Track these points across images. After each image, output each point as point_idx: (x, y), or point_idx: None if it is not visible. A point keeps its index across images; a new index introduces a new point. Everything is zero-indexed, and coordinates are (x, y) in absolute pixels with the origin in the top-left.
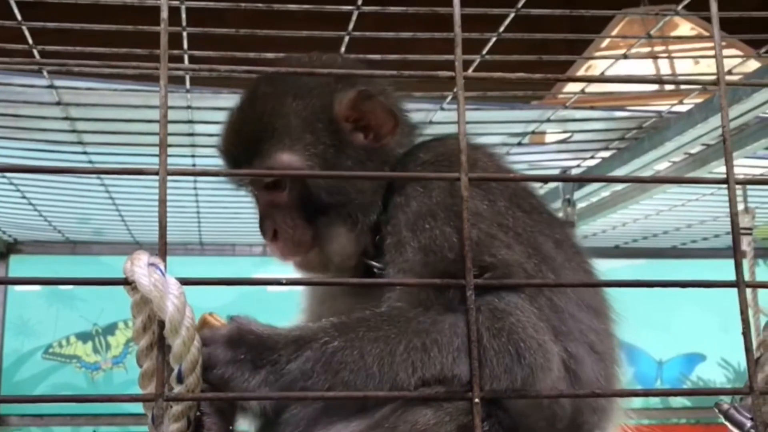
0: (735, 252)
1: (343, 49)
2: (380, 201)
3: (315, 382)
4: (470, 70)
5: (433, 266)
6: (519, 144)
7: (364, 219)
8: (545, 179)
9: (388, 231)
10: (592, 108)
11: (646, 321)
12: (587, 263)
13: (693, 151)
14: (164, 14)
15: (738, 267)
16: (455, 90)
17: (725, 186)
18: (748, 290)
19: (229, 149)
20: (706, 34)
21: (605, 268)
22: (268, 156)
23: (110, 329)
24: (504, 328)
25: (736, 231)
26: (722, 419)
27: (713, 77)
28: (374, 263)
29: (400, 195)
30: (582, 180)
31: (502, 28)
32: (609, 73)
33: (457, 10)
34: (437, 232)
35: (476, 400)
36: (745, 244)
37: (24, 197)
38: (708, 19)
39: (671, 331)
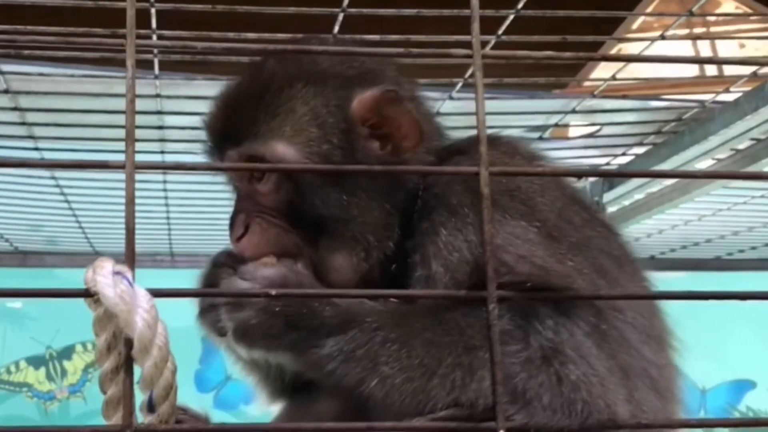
0: None
1: (336, 28)
2: (397, 225)
3: (351, 366)
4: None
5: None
6: (540, 138)
7: (378, 245)
8: (580, 174)
9: (416, 261)
10: (624, 97)
11: (688, 343)
12: (647, 281)
13: (741, 146)
14: None
15: None
16: (468, 74)
17: None
18: None
19: (217, 123)
20: (753, 12)
21: None
22: (262, 141)
23: (66, 353)
24: (567, 382)
25: None
26: None
27: (767, 59)
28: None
29: (426, 220)
30: (622, 175)
31: (520, 5)
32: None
33: None
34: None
35: (501, 431)
36: None
37: None
38: None
39: (717, 354)
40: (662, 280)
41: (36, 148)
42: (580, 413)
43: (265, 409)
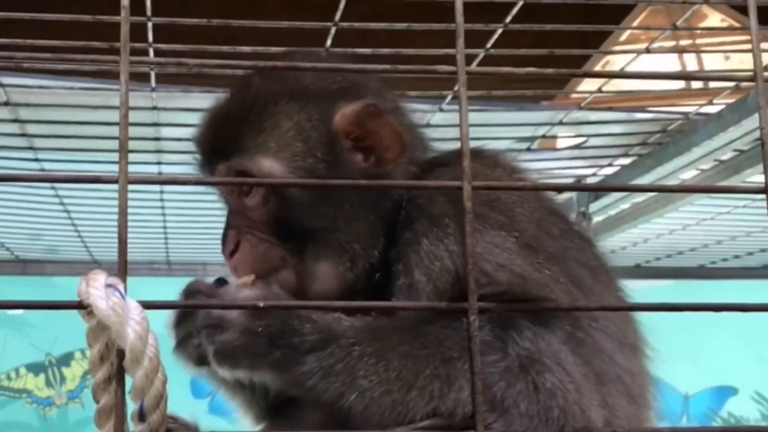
0: None
1: (329, 42)
2: (382, 235)
3: (331, 381)
4: (473, 66)
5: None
6: (528, 149)
7: (363, 255)
8: (560, 188)
9: (399, 270)
10: (609, 109)
11: (671, 350)
12: (622, 291)
13: (724, 157)
14: (125, 1)
15: None
16: (456, 88)
17: (761, 196)
18: None
19: (205, 140)
20: (738, 25)
21: None
22: (249, 156)
23: (65, 360)
24: (543, 389)
25: None
26: None
27: (749, 73)
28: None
29: (408, 230)
30: (601, 189)
31: (508, 19)
32: (629, 69)
33: None
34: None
35: None
36: None
37: None
38: (741, 9)
39: (699, 361)
40: (647, 289)
41: (36, 159)
42: (556, 420)
43: (252, 429)
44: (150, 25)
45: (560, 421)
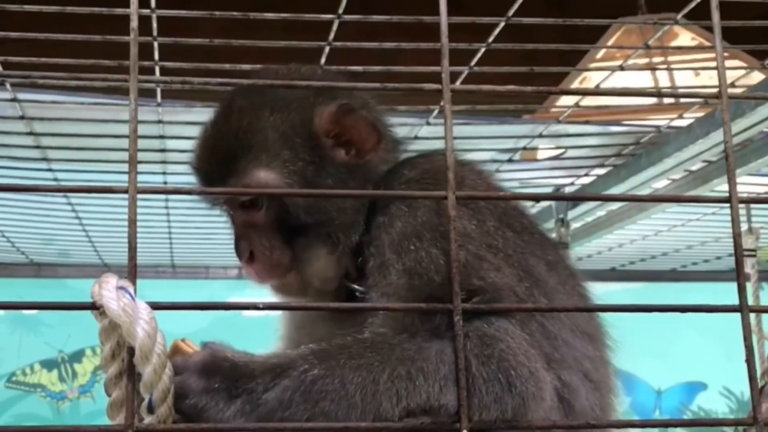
0: (738, 275)
1: (323, 60)
2: (363, 221)
3: (294, 412)
4: (458, 82)
5: (418, 290)
6: (509, 160)
7: (346, 240)
8: (537, 198)
9: (371, 252)
10: (586, 122)
11: (644, 348)
12: (581, 286)
13: (693, 168)
14: (134, 23)
15: (741, 291)
16: (442, 104)
17: (728, 205)
18: (752, 315)
19: (202, 167)
20: (707, 44)
21: (600, 291)
22: (244, 174)
23: (77, 356)
24: (493, 355)
25: (739, 252)
26: None
27: (715, 90)
28: (356, 287)
29: (384, 215)
30: (576, 199)
31: (491, 38)
32: (605, 85)
33: (443, 18)
34: (423, 253)
35: (464, 431)
36: (749, 266)
37: None
38: (710, 29)
39: (670, 358)
40: (622, 291)
41: (49, 169)
42: (507, 379)
43: None
44: (156, 44)
45: (512, 380)
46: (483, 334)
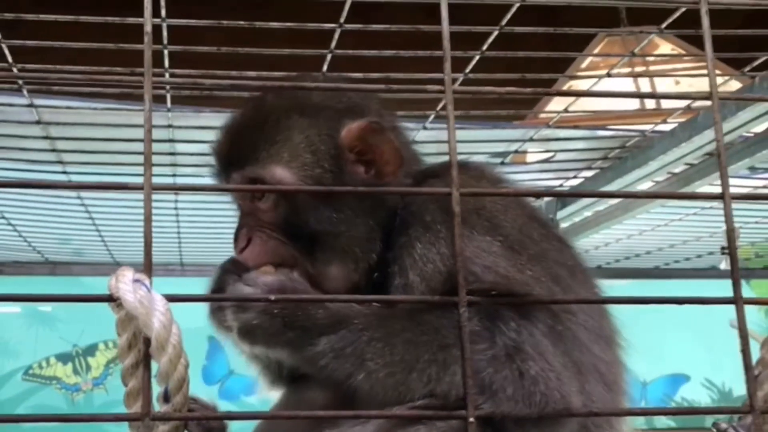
0: (732, 269)
1: (325, 67)
2: (379, 239)
3: (340, 363)
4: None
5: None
6: (502, 163)
7: (363, 257)
8: (538, 194)
9: (394, 271)
10: (575, 127)
11: (630, 341)
12: (598, 288)
13: (676, 170)
14: (147, 28)
15: (736, 284)
16: (439, 108)
17: (709, 206)
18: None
19: (223, 149)
20: (684, 53)
21: None
22: (263, 165)
23: (90, 350)
24: (527, 375)
25: (732, 247)
26: None
27: (705, 92)
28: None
29: (403, 235)
30: (574, 195)
31: (485, 47)
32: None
33: (445, 25)
34: (445, 276)
35: (471, 419)
36: (725, 263)
37: (3, 217)
38: (689, 39)
39: (656, 352)
40: (608, 287)
41: (64, 172)
42: (538, 403)
43: (266, 395)
44: (166, 52)
45: (542, 405)
46: (518, 348)
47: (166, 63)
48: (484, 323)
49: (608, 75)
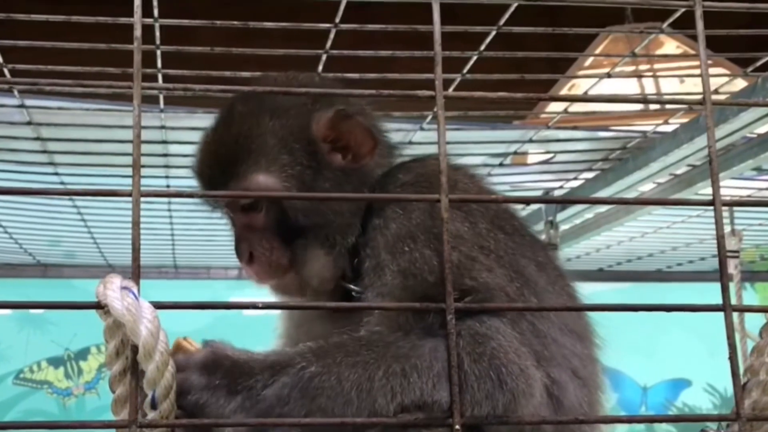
0: (721, 275)
1: (320, 67)
2: (359, 223)
3: (292, 408)
4: (451, 89)
5: (412, 290)
6: (500, 165)
7: (343, 241)
8: (527, 201)
9: (366, 254)
10: (575, 128)
11: (631, 346)
12: (570, 286)
13: (678, 172)
14: (137, 32)
15: (725, 290)
16: (435, 110)
17: (712, 207)
18: (735, 314)
19: (204, 171)
20: (692, 52)
21: (588, 291)
22: (244, 177)
23: (82, 354)
24: (485, 353)
25: (722, 254)
26: None
27: (699, 97)
28: (353, 287)
29: (379, 217)
30: (565, 202)
31: (483, 47)
32: (593, 92)
33: (437, 27)
34: (417, 254)
35: (457, 426)
36: (732, 267)
37: None
38: (694, 37)
39: (656, 356)
40: (609, 290)
41: (56, 173)
42: (498, 377)
43: None
44: (159, 52)
45: (503, 377)
46: (475, 332)
47: (159, 63)
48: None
49: (608, 75)
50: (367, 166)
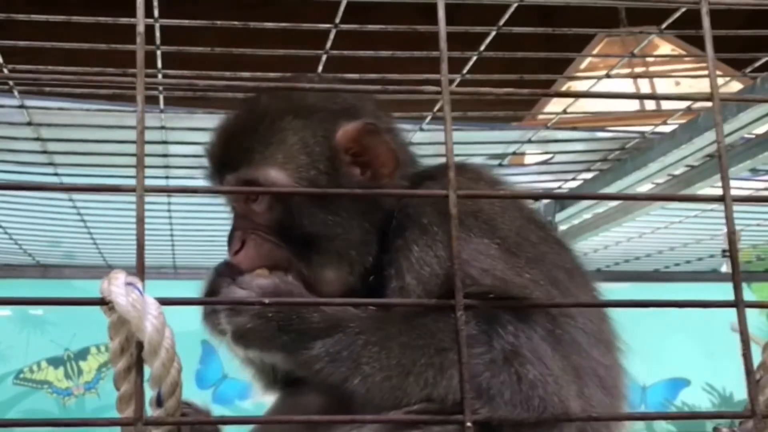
0: (734, 272)
1: (320, 68)
2: (375, 241)
3: (336, 366)
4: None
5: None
6: (500, 165)
7: (359, 260)
8: (537, 196)
9: (391, 274)
10: (573, 129)
11: (631, 345)
12: (597, 291)
13: (677, 172)
14: (140, 28)
15: (737, 287)
16: (436, 109)
17: (710, 209)
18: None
19: (217, 151)
20: (684, 54)
21: None
22: (257, 167)
23: (82, 354)
24: (525, 380)
25: (734, 250)
26: None
27: (706, 93)
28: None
29: (400, 238)
30: (573, 197)
31: (482, 47)
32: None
33: (442, 25)
34: (442, 279)
35: (468, 423)
36: (726, 266)
37: None
38: (689, 39)
39: (656, 356)
40: (607, 291)
41: (56, 174)
42: (536, 408)
43: (260, 399)
44: (159, 53)
45: (540, 409)
46: (514, 352)
47: (159, 63)
48: (482, 327)
49: (607, 76)
50: (385, 186)
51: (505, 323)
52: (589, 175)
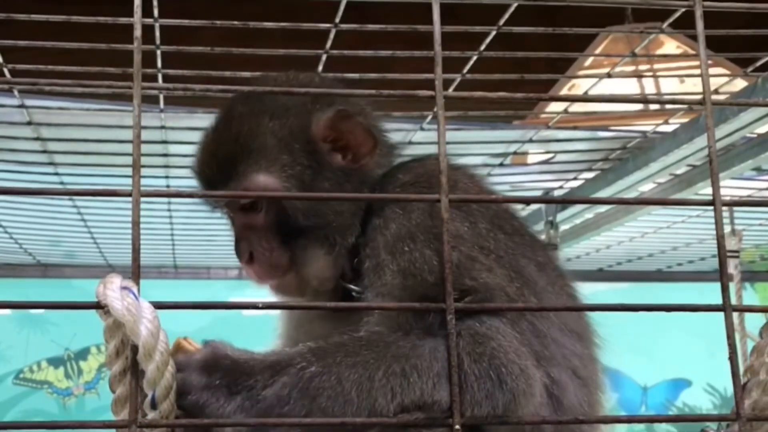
0: (721, 275)
1: (320, 67)
2: (359, 223)
3: (292, 408)
4: (451, 89)
5: (412, 290)
6: (501, 165)
7: (342, 241)
8: (527, 201)
9: (366, 254)
10: (575, 128)
11: (631, 346)
12: (570, 286)
13: (678, 172)
14: (137, 32)
15: (725, 290)
16: (435, 110)
17: (712, 208)
18: (735, 314)
19: (204, 171)
20: (692, 52)
21: (588, 291)
22: (244, 177)
23: (82, 354)
24: (485, 352)
25: (722, 254)
26: None
27: (699, 97)
28: (352, 287)
29: (379, 217)
30: (565, 202)
31: (483, 47)
32: (593, 92)
33: (437, 28)
34: (417, 254)
35: (457, 426)
36: (732, 267)
37: None
38: (694, 37)
39: (656, 356)
40: (609, 290)
41: (56, 173)
42: (498, 377)
43: None
44: (159, 53)
45: (503, 377)
46: (475, 332)
47: (159, 63)
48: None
49: (609, 75)
50: (367, 166)
51: (471, 313)
52: (590, 175)
